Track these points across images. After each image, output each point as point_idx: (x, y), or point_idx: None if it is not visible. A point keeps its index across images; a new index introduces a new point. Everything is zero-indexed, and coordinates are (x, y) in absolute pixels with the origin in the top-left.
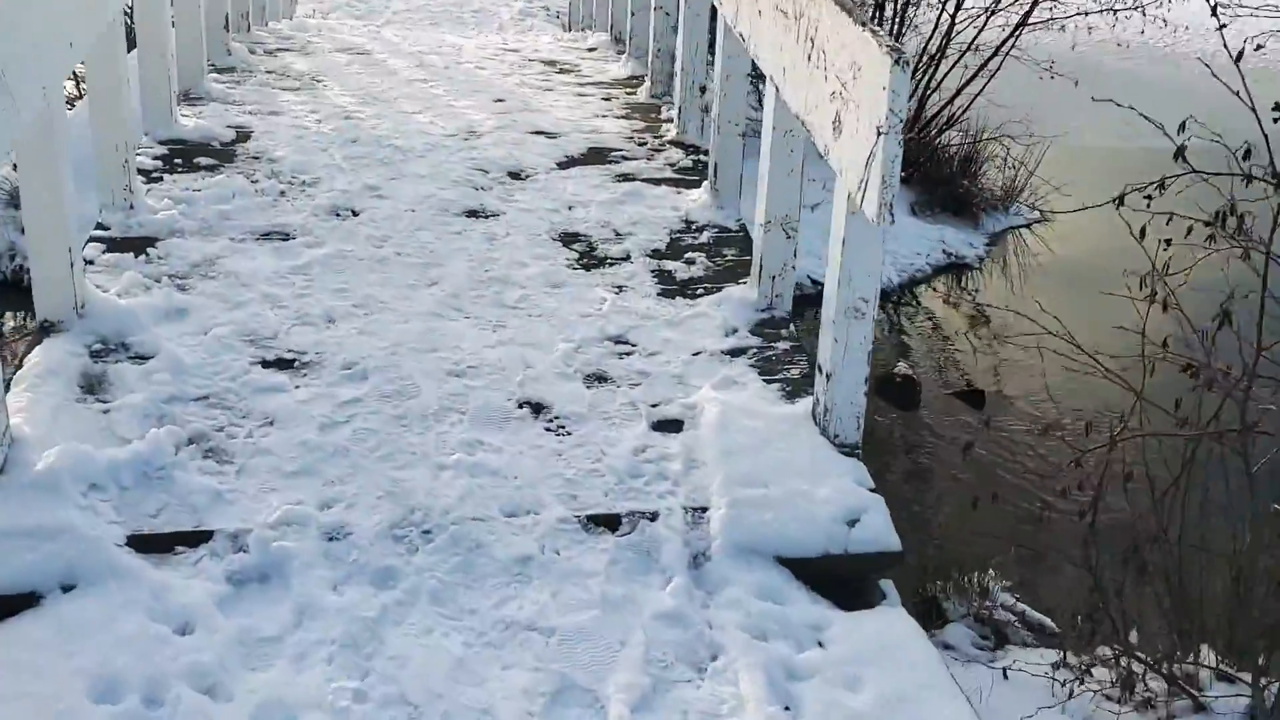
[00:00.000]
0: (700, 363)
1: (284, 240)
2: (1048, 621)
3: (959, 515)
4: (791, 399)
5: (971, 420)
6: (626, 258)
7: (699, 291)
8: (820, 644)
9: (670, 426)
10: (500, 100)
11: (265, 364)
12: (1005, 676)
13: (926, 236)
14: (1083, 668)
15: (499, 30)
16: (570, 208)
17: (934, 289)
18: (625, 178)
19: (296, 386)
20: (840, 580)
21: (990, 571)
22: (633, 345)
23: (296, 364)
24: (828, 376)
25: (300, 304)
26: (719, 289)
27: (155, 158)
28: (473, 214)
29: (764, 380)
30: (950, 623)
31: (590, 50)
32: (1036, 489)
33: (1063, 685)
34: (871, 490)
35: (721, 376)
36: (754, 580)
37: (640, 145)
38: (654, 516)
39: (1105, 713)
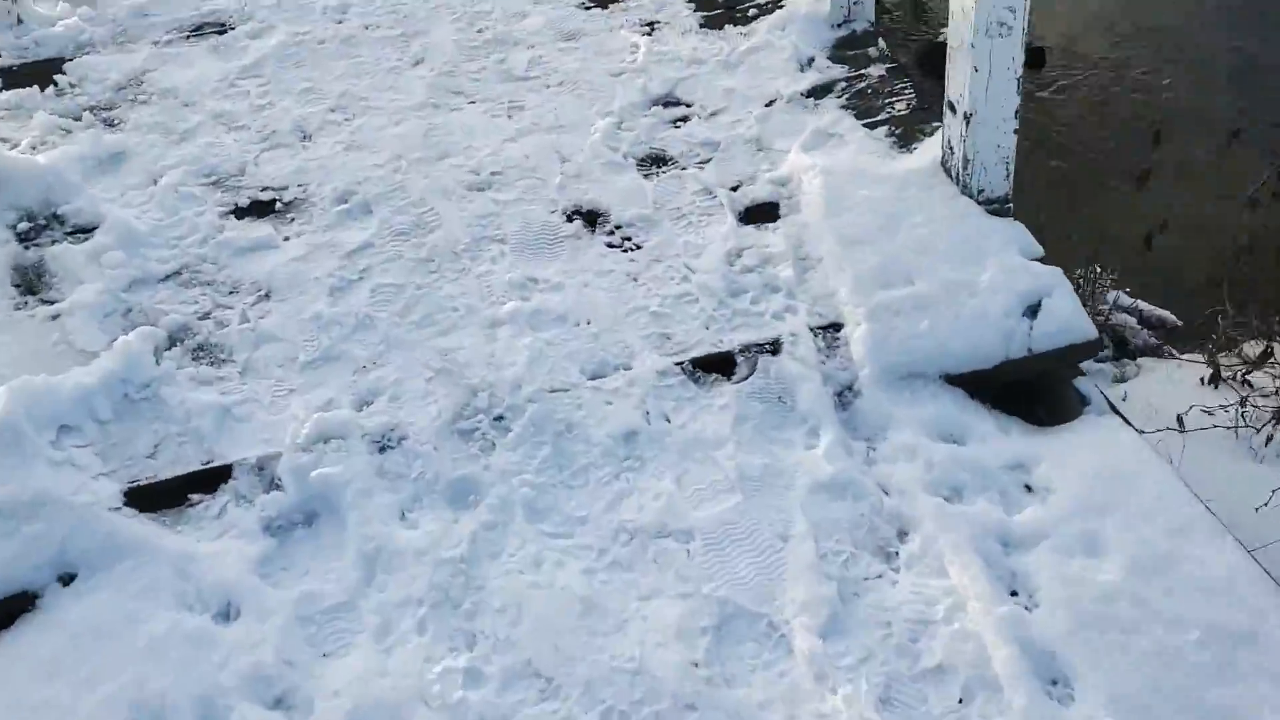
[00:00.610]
0: (778, 115)
1: (220, 33)
2: (1168, 315)
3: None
4: (906, 146)
5: (1029, 84)
6: None
7: (751, 12)
8: (1029, 488)
9: (763, 214)
10: None
11: (239, 211)
12: (1182, 427)
13: None
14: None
15: None
16: None
17: None
18: None
19: (286, 239)
20: (1027, 390)
21: (1095, 268)
22: (687, 105)
23: (278, 205)
24: (966, 117)
25: (263, 119)
26: (776, 4)
27: None
28: None
29: (865, 126)
30: None
31: None
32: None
33: (1258, 431)
34: (1043, 261)
35: (811, 130)
36: (924, 414)
37: None
38: (775, 347)
39: None
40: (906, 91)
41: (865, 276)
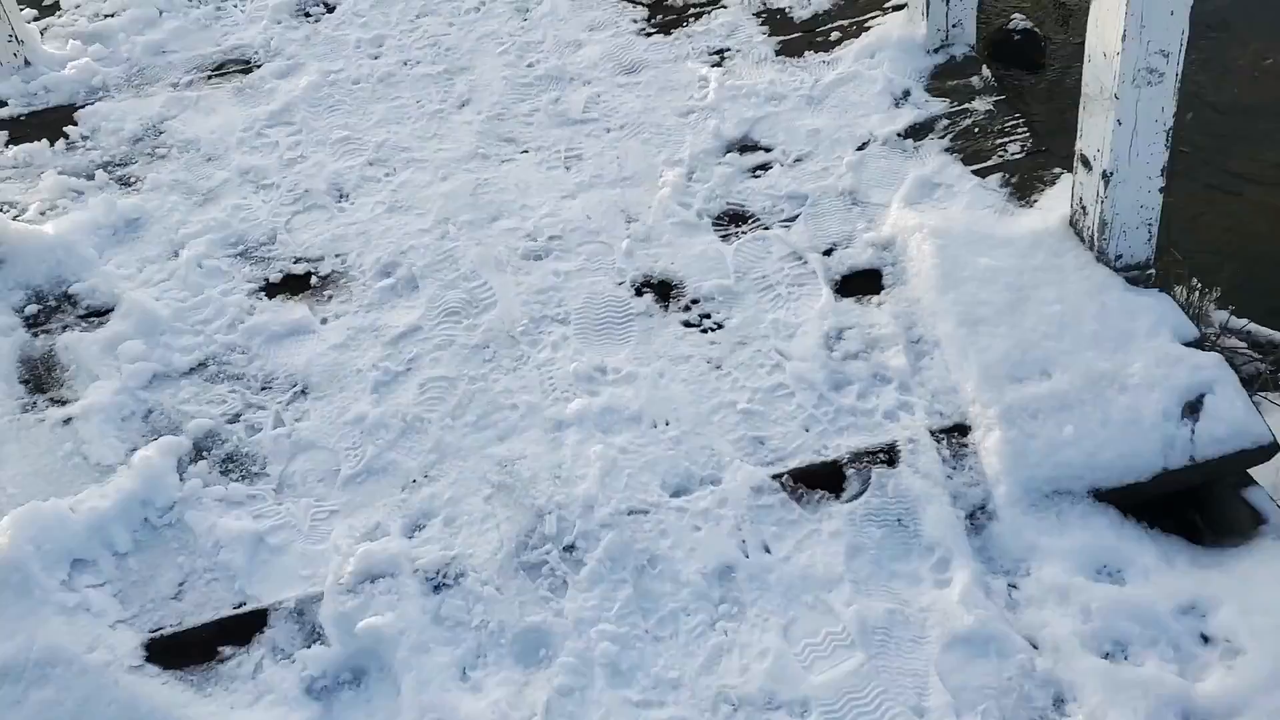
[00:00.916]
0: (873, 161)
1: (245, 72)
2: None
3: None
4: (1025, 198)
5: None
6: (715, 2)
7: (834, 36)
8: (1206, 638)
9: (864, 284)
10: None
11: (271, 288)
12: None
13: None
14: None
15: None
16: None
17: None
18: None
19: (324, 320)
20: (1184, 497)
21: (1194, 282)
22: (767, 149)
23: (314, 280)
24: (1104, 176)
25: (294, 175)
26: (862, 26)
27: None
28: None
29: (975, 173)
30: None
31: None
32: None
33: None
34: (1201, 343)
35: (913, 180)
36: (1073, 543)
37: None
38: (890, 456)
39: None
40: (1019, 130)
41: (993, 367)
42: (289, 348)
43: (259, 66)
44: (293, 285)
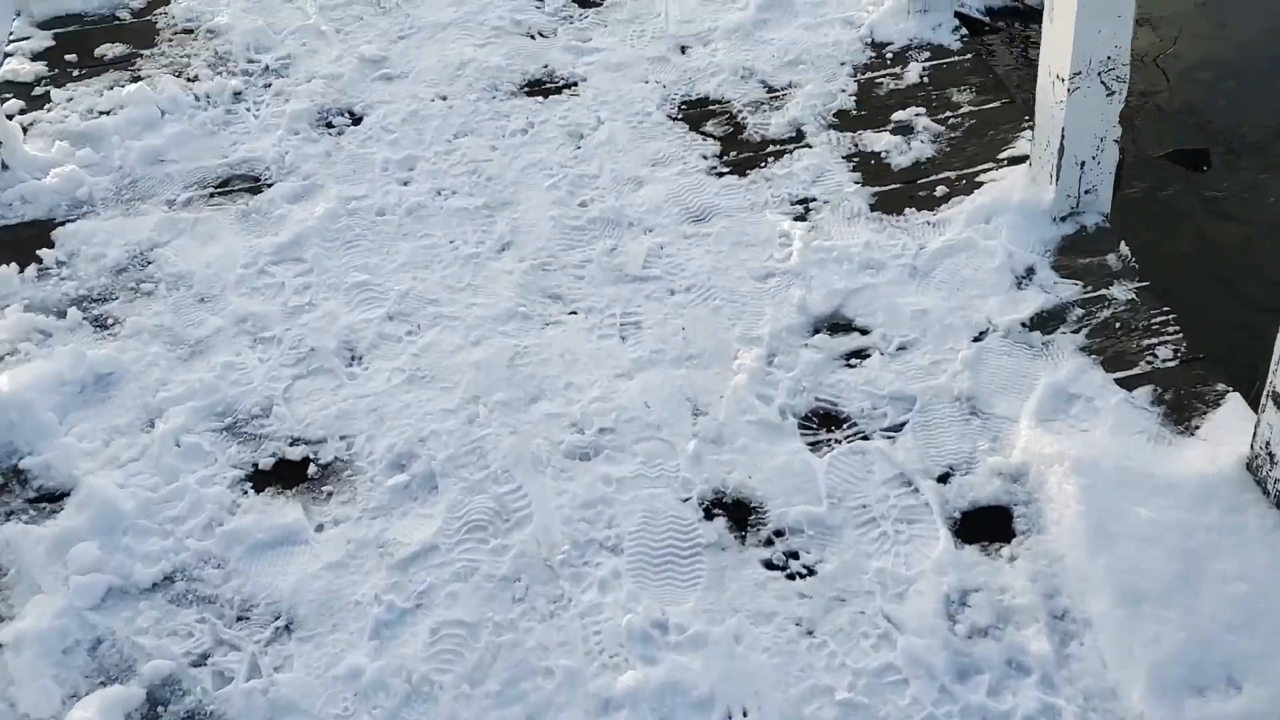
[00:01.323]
0: (994, 357)
1: (254, 191)
2: None
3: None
4: (1185, 424)
5: (1216, 192)
6: (797, 137)
7: (939, 190)
8: None
9: (991, 527)
10: None
11: (259, 478)
12: None
13: None
14: None
15: None
16: (683, 49)
17: None
18: None
19: (320, 527)
20: None
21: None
22: (863, 331)
23: (312, 469)
24: None
25: (300, 327)
26: (973, 181)
27: (32, 55)
28: (535, 87)
29: (1119, 382)
30: None
31: None
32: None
33: None
34: None
35: (1045, 388)
36: None
37: None
38: None
39: None
40: (1169, 329)
41: (1165, 668)
42: (275, 562)
43: (269, 185)
44: (286, 474)
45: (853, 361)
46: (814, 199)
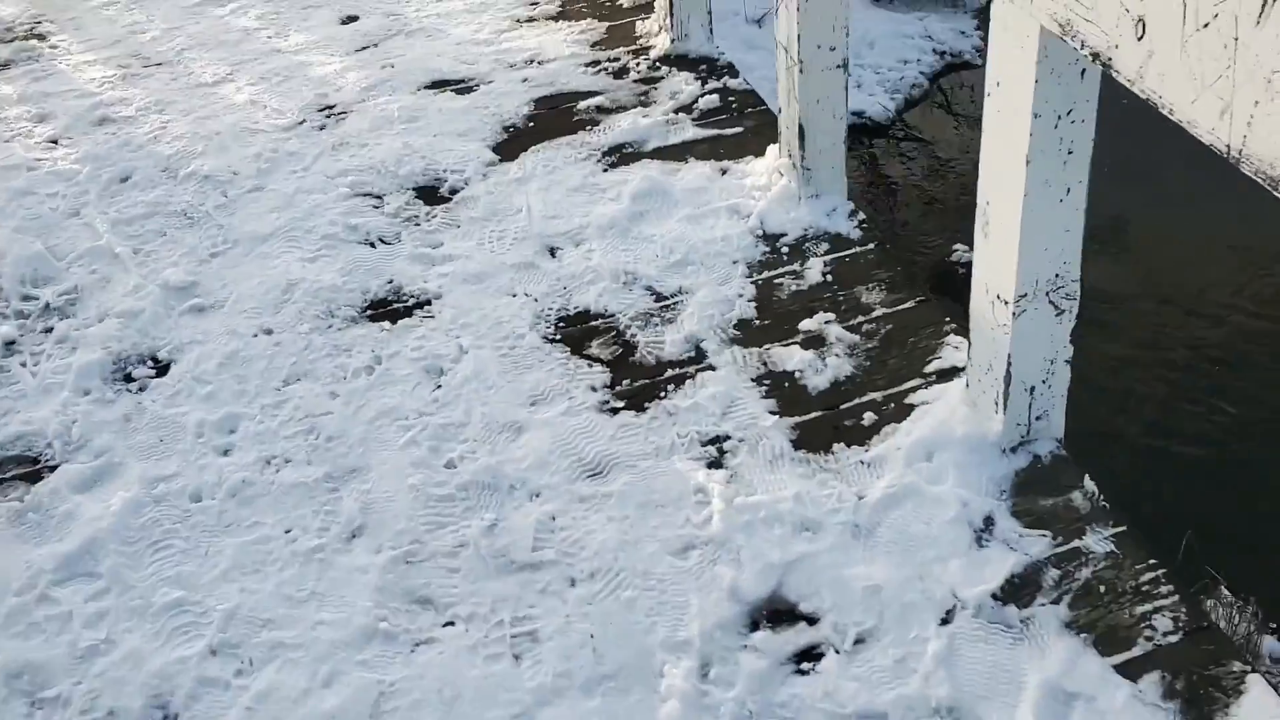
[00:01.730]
0: (968, 646)
1: (30, 479)
2: None
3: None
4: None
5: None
6: (697, 356)
7: (867, 418)
8: None
9: None
10: (354, 21)
11: None
12: None
13: (907, 33)
14: None
15: None
16: (552, 252)
17: (941, 107)
18: (622, 156)
19: None
20: None
21: (1245, 601)
22: (810, 620)
23: None
24: None
25: (92, 679)
26: (902, 404)
27: None
28: (380, 309)
29: (1118, 669)
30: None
31: None
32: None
33: None
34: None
35: (1035, 688)
36: None
37: (617, 76)
38: None
39: None
40: (1160, 589)
41: None
42: None
43: (52, 470)
44: None
45: (804, 666)
46: (727, 437)
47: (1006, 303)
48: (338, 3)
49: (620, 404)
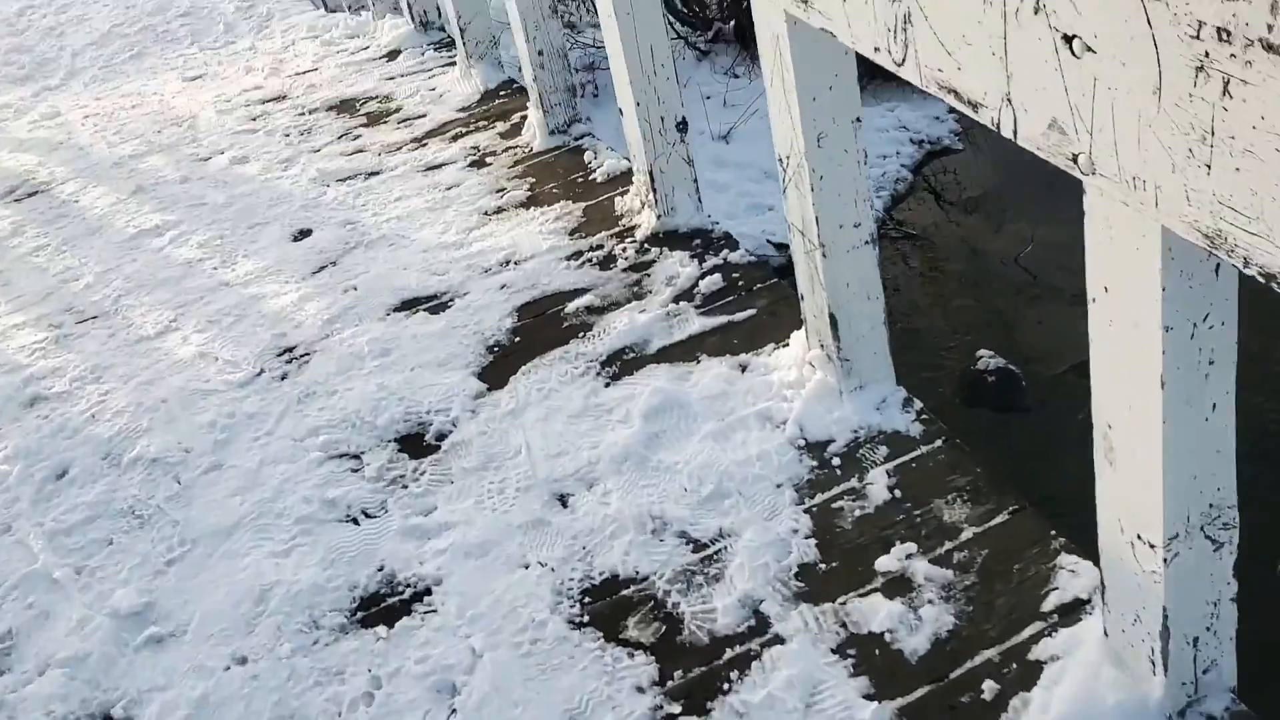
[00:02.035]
0: None
1: None
2: None
3: None
4: None
5: None
6: (759, 626)
7: (986, 689)
8: None
9: None
10: (308, 236)
11: None
12: None
13: (880, 127)
14: None
15: (227, 41)
16: (563, 500)
17: (928, 200)
18: (624, 364)
19: None
20: None
21: None
22: None
23: None
24: None
25: None
26: (1025, 661)
27: None
28: (373, 608)
29: None
30: None
31: (388, 56)
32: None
33: None
34: None
35: None
36: None
37: (604, 266)
38: None
39: None
40: None
41: None
42: None
43: None
44: None
45: None
46: None
47: (1153, 546)
48: (287, 216)
49: (676, 708)
